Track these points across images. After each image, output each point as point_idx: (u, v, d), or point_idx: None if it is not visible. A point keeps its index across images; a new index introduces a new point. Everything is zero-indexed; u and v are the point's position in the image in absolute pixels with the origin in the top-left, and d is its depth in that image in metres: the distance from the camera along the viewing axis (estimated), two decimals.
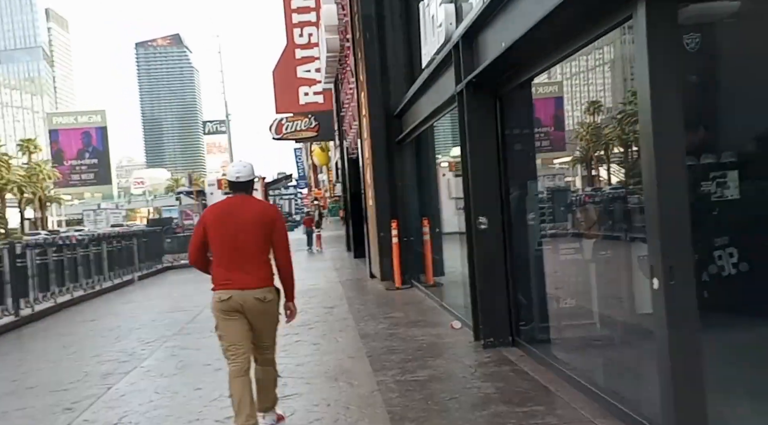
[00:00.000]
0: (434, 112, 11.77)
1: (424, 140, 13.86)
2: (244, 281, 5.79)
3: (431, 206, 14.21)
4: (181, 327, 12.83)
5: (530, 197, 8.66)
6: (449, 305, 11.85)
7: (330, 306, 13.75)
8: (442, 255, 14.13)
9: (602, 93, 8.18)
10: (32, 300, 16.11)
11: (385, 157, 15.84)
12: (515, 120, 8.88)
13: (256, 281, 5.83)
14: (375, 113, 15.91)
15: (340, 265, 23.30)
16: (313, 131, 31.91)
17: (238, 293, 5.78)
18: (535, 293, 8.55)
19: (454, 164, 13.20)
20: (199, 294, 17.93)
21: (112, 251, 23.65)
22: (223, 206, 6.05)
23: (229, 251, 5.84)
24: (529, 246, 8.63)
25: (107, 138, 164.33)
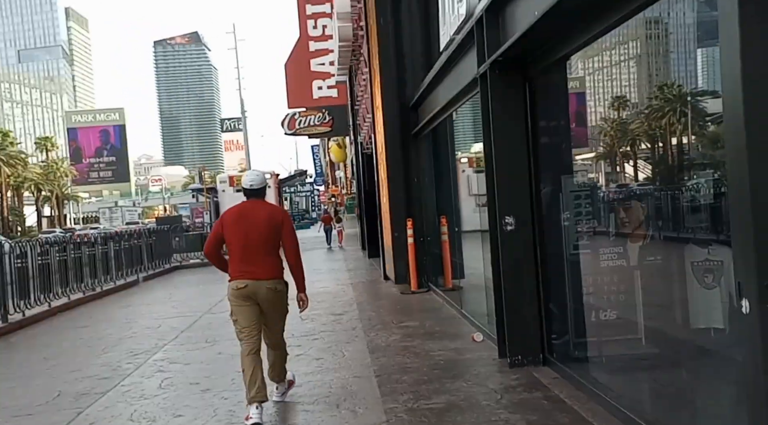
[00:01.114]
0: (453, 100, 10.58)
1: (442, 132, 12.64)
2: (257, 272, 6.63)
3: (450, 203, 13.02)
4: (174, 336, 11.75)
5: (565, 194, 7.45)
6: (470, 313, 10.67)
7: (339, 313, 12.60)
8: (461, 257, 12.90)
9: (627, 89, 7.27)
10: (23, 305, 15.05)
11: (399, 151, 14.66)
12: (547, 105, 7.73)
13: (267, 274, 6.68)
14: (389, 103, 14.72)
15: (353, 265, 22.11)
16: (326, 126, 30.78)
17: (253, 283, 6.63)
18: (571, 304, 7.36)
19: (474, 159, 12.12)
20: (201, 297, 16.90)
21: (119, 251, 22.74)
22: (239, 209, 6.90)
23: (242, 247, 6.71)
24: (563, 249, 7.43)
25: (125, 136, 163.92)
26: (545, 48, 7.01)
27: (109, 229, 59.97)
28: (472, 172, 12.17)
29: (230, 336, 11.28)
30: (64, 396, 8.43)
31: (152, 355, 10.34)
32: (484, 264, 9.64)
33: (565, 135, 7.75)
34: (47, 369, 10.22)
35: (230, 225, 6.81)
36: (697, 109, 5.79)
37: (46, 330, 14.01)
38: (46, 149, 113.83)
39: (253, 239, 6.69)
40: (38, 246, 17.39)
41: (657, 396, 6.19)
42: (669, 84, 6.34)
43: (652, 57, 6.67)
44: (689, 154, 6.07)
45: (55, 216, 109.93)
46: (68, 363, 10.49)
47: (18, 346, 12.88)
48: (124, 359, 10.27)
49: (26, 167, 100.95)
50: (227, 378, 8.54)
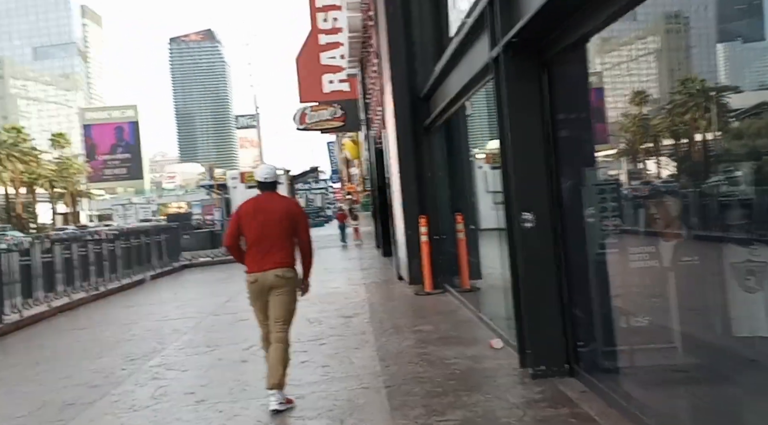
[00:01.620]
0: (466, 87, 9.89)
1: (456, 124, 11.96)
2: (268, 263, 6.92)
3: (466, 199, 12.34)
4: (175, 340, 11.16)
5: (588, 188, 6.77)
6: (488, 316, 10.00)
7: (349, 315, 11.95)
8: (478, 256, 12.22)
9: (647, 84, 6.60)
10: (20, 305, 14.52)
11: (411, 144, 13.96)
12: (567, 90, 7.05)
13: (278, 262, 6.94)
14: (399, 94, 14.03)
15: (367, 264, 21.42)
16: (338, 121, 30.05)
17: (262, 275, 6.94)
18: (598, 309, 6.69)
19: (490, 156, 11.47)
20: (206, 297, 16.35)
21: (128, 249, 22.25)
22: (254, 202, 7.15)
23: (258, 238, 6.96)
24: (588, 249, 6.76)
25: (139, 133, 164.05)
26: (562, 28, 6.37)
27: (122, 226, 59.75)
28: (489, 168, 11.56)
29: (232, 340, 10.75)
30: (48, 406, 7.87)
31: (149, 360, 9.76)
32: (503, 264, 9.01)
33: (586, 123, 7.07)
34: (37, 374, 9.66)
35: (247, 218, 7.07)
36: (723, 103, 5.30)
37: (43, 332, 13.46)
38: (60, 145, 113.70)
39: (269, 231, 6.97)
40: (43, 244, 17.04)
41: (697, 413, 5.53)
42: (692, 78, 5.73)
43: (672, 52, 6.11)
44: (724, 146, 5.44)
45: (69, 213, 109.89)
46: (60, 368, 9.92)
47: (11, 349, 12.38)
48: (119, 364, 9.71)
49: (39, 163, 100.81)
50: (224, 387, 7.94)
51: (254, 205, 7.12)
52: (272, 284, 6.95)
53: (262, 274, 6.93)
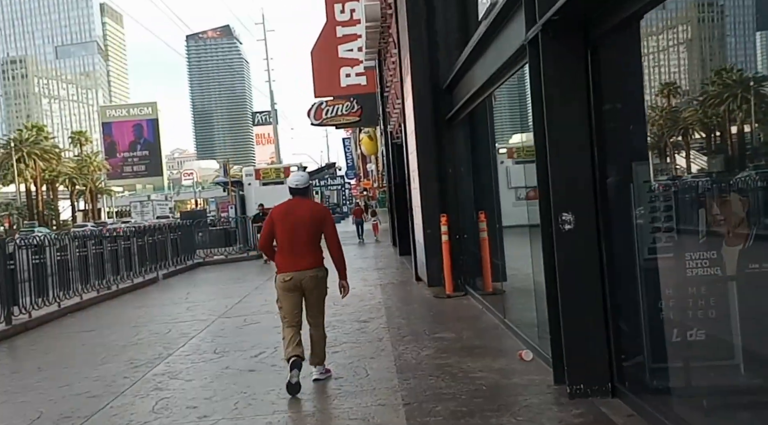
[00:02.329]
0: (494, 76, 9.17)
1: (481, 116, 11.22)
2: (301, 264, 7.42)
3: (490, 196, 11.63)
4: (182, 344, 10.54)
5: (637, 185, 6.05)
6: (515, 322, 9.28)
7: (364, 320, 11.28)
8: (503, 256, 11.47)
9: (677, 75, 6.08)
10: (28, 306, 13.94)
11: (432, 138, 13.25)
12: (615, 76, 6.33)
13: (311, 263, 7.47)
14: (420, 86, 13.31)
15: (383, 264, 20.71)
16: (355, 116, 29.31)
17: (298, 274, 7.41)
18: (647, 320, 5.96)
19: (513, 150, 10.89)
20: (218, 298, 15.74)
21: (143, 246, 21.72)
22: (286, 206, 7.67)
23: (290, 240, 7.47)
24: (636, 253, 6.04)
25: (158, 130, 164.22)
26: (611, 3, 5.65)
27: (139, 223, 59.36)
28: (512, 164, 10.89)
29: (240, 346, 10.09)
30: (43, 419, 7.31)
31: (153, 368, 9.14)
32: (532, 265, 8.32)
33: (637, 112, 6.33)
34: (38, 382, 9.04)
35: (279, 222, 7.57)
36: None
37: (50, 334, 12.87)
38: (80, 143, 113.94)
39: (299, 234, 7.47)
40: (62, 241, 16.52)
41: None
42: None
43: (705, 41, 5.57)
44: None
45: (89, 210, 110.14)
46: (61, 375, 9.31)
47: (17, 352, 11.82)
48: (122, 371, 9.09)
49: (60, 161, 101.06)
50: (230, 401, 7.28)
51: (286, 209, 7.67)
52: (307, 284, 7.48)
53: (298, 273, 7.44)
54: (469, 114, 11.71)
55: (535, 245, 8.54)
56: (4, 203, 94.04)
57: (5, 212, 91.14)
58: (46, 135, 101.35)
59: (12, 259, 14.25)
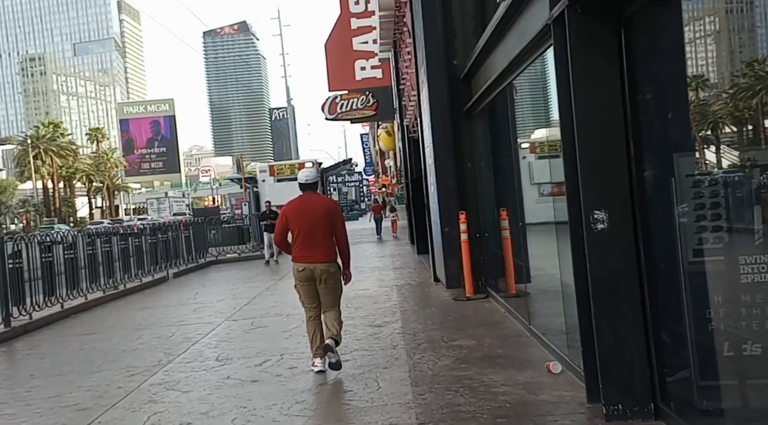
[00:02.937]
0: (515, 61, 8.44)
1: (502, 106, 10.49)
2: (315, 257, 7.85)
3: (512, 192, 10.93)
4: (184, 350, 9.92)
5: (680, 179, 5.33)
6: (541, 329, 8.58)
7: (378, 324, 10.60)
8: (527, 256, 10.71)
9: (704, 68, 5.50)
10: (29, 307, 13.37)
11: (449, 131, 12.52)
12: (653, 57, 5.61)
13: (323, 258, 7.87)
14: (435, 76, 12.60)
15: (400, 263, 19.99)
16: (370, 110, 28.56)
17: (311, 266, 7.85)
18: (694, 331, 5.25)
19: (535, 145, 10.16)
20: (227, 299, 15.15)
21: (155, 244, 21.26)
22: (299, 201, 8.05)
23: (304, 234, 7.86)
24: (679, 256, 5.33)
25: (176, 127, 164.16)
26: None
27: (155, 220, 59.02)
28: (535, 158, 10.18)
29: (245, 353, 9.43)
30: None
31: (150, 376, 8.53)
32: (559, 265, 7.64)
33: (678, 97, 5.61)
34: (27, 391, 8.46)
35: (293, 216, 7.99)
36: None
37: (50, 337, 12.30)
38: (96, 139, 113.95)
39: (313, 227, 7.88)
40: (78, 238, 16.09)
41: None
42: None
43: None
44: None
45: (105, 207, 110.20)
46: (53, 383, 8.73)
47: (12, 357, 11.29)
48: (118, 380, 8.50)
49: (77, 157, 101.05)
50: (227, 417, 6.66)
51: (298, 204, 8.10)
52: (319, 277, 7.90)
53: (310, 265, 7.88)
54: (489, 105, 10.99)
55: (560, 244, 7.92)
56: (22, 201, 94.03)
57: (22, 209, 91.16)
58: (62, 132, 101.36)
59: (19, 257, 13.75)
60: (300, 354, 8.93)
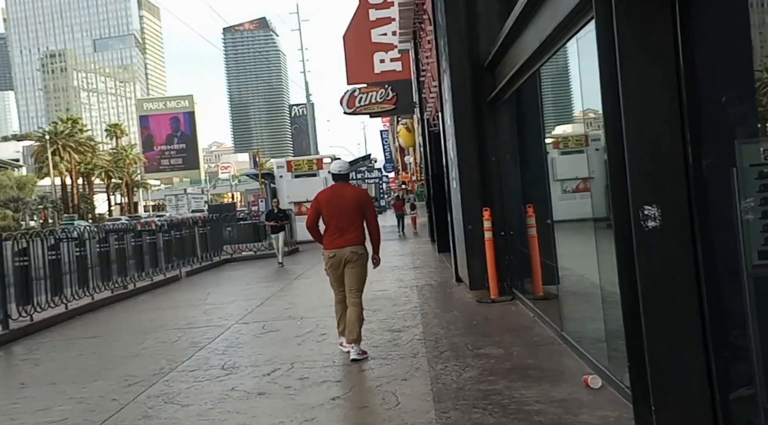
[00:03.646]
0: (547, 43, 7.67)
1: (530, 94, 9.71)
2: (344, 241, 8.32)
3: (539, 187, 10.17)
4: (188, 357, 9.24)
5: (743, 170, 4.57)
6: (575, 336, 7.82)
7: (397, 329, 9.88)
8: (555, 256, 9.89)
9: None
10: (29, 308, 12.75)
11: (472, 123, 11.77)
12: (713, 31, 4.88)
13: (353, 241, 8.34)
14: (457, 63, 11.84)
15: (420, 262, 19.23)
16: (390, 104, 27.77)
17: (339, 251, 8.33)
18: (761, 345, 4.49)
19: (559, 140, 9.57)
20: (240, 300, 14.48)
21: (169, 241, 20.72)
22: (331, 191, 8.63)
23: (336, 221, 8.35)
24: (743, 257, 4.56)
25: (195, 123, 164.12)
26: None
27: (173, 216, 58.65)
28: (558, 154, 9.55)
29: (254, 361, 8.69)
30: None
31: (149, 387, 7.86)
32: (598, 266, 6.90)
33: (742, 76, 4.84)
34: (14, 404, 7.79)
35: (326, 204, 8.42)
36: None
37: (50, 341, 11.62)
38: (115, 135, 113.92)
39: (344, 215, 8.28)
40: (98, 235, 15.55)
41: None
42: None
43: None
44: None
45: (124, 204, 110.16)
46: (44, 394, 8.07)
47: (7, 363, 10.71)
48: (113, 391, 7.85)
49: (95, 153, 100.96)
50: None
51: (331, 193, 8.55)
52: (347, 259, 8.31)
53: (339, 250, 8.31)
54: (515, 93, 10.22)
55: (589, 241, 7.33)
56: (40, 197, 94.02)
57: (40, 205, 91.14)
58: (81, 127, 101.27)
59: (24, 255, 13.15)
60: (312, 363, 8.24)
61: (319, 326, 10.62)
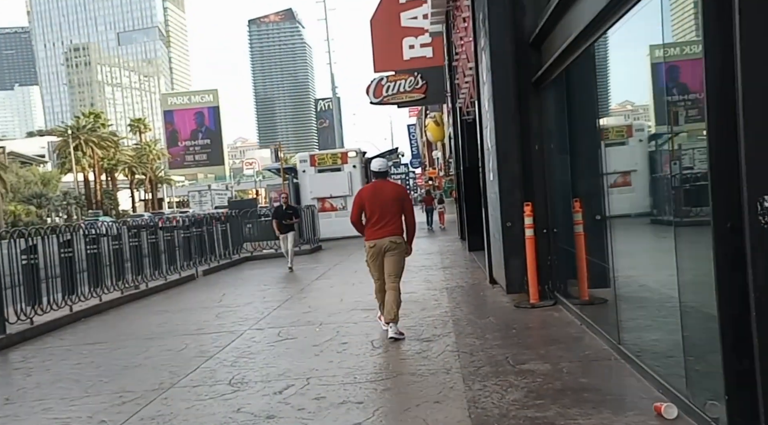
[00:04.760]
0: (607, 10, 6.54)
1: (582, 73, 8.56)
2: (384, 232, 8.99)
3: (589, 179, 9.02)
4: (193, 369, 8.23)
5: None
6: (636, 351, 6.68)
7: (427, 338, 8.78)
8: (606, 255, 8.69)
9: None
10: (28, 311, 11.77)
11: (513, 108, 10.61)
12: None
13: (391, 232, 9.01)
14: (499, 40, 10.67)
15: (450, 261, 18.03)
16: (419, 93, 26.47)
17: (379, 241, 9.00)
18: None
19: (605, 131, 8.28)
20: (256, 301, 13.55)
21: (188, 238, 19.84)
22: (373, 187, 9.31)
23: (377, 215, 9.03)
24: None
25: (219, 118, 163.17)
26: None
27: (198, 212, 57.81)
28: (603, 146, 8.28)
29: (265, 375, 7.49)
30: None
31: (145, 405, 6.88)
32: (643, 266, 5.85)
33: None
34: None
35: (368, 199, 9.09)
36: None
37: (48, 347, 10.60)
38: (139, 130, 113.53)
39: (385, 209, 8.99)
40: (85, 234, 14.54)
41: None
42: None
43: None
44: None
45: (148, 200, 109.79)
46: (27, 412, 7.12)
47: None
48: (104, 410, 6.89)
49: (118, 148, 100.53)
50: None
51: (372, 189, 9.23)
52: (387, 248, 8.95)
53: (379, 240, 8.96)
54: (564, 72, 9.06)
55: (639, 239, 7.01)
56: (63, 193, 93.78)
57: (63, 201, 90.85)
58: (103, 122, 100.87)
59: (33, 253, 12.22)
60: (330, 379, 7.18)
61: (339, 333, 9.55)
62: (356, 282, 14.89)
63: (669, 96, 6.07)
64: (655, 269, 6.95)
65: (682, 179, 5.71)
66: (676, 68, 5.86)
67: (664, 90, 6.15)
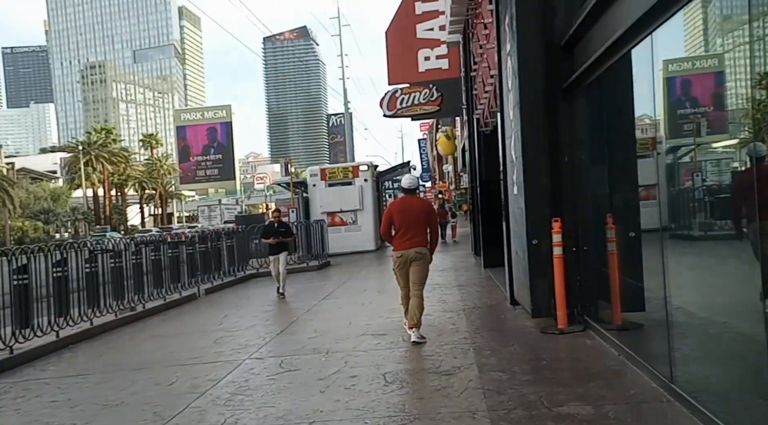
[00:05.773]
0: (653, 11, 5.60)
1: (618, 79, 7.61)
2: (411, 244, 9.67)
3: (625, 194, 8.06)
4: (181, 408, 7.30)
5: None
6: (688, 390, 5.69)
7: (446, 372, 7.79)
8: (641, 277, 7.70)
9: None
10: (8, 339, 10.83)
11: (541, 116, 9.62)
12: None
13: (417, 244, 9.70)
14: (527, 44, 9.69)
15: (465, 279, 16.96)
16: (434, 105, 25.53)
17: (406, 251, 9.68)
18: None
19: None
20: (258, 324, 12.53)
21: (192, 255, 18.95)
22: (401, 202, 10.02)
23: (405, 228, 9.72)
24: None
25: (232, 133, 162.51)
26: None
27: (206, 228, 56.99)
28: None
29: (262, 418, 6.56)
30: None
31: None
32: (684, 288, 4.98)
33: None
34: None
35: (398, 213, 9.82)
36: None
37: (24, 381, 9.52)
38: (150, 146, 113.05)
39: (412, 222, 9.73)
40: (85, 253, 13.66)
41: None
42: None
43: None
44: None
45: (157, 215, 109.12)
46: None
47: None
48: None
49: (129, 164, 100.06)
50: None
51: (401, 204, 9.94)
52: (413, 258, 9.65)
53: (406, 251, 9.67)
54: (599, 79, 8.11)
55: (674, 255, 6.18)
56: (71, 209, 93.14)
57: (71, 216, 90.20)
58: (115, 138, 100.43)
59: (24, 273, 11.34)
60: (337, 423, 6.21)
61: (348, 363, 8.58)
62: (366, 302, 13.96)
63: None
64: (711, 292, 6.02)
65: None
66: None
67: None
